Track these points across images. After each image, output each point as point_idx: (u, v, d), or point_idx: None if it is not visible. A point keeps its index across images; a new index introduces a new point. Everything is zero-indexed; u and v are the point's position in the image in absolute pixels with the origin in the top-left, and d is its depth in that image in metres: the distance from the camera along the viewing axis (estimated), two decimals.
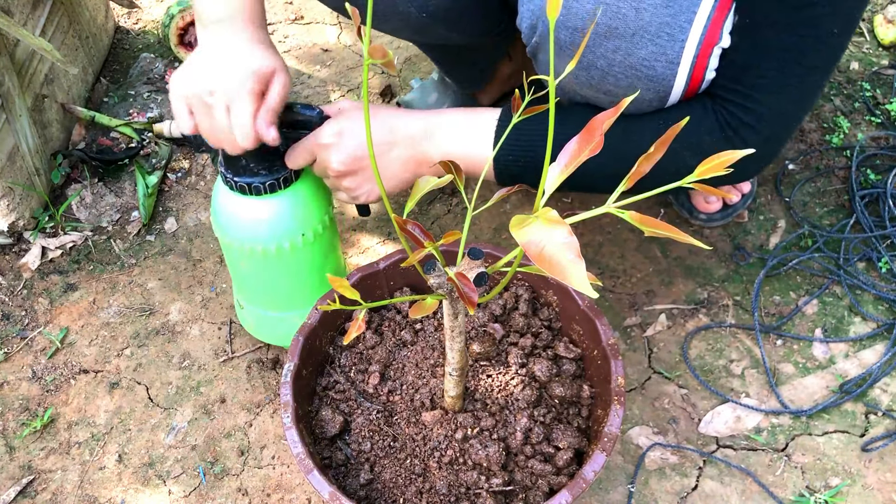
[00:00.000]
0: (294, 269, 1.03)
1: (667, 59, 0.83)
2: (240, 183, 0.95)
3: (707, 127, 0.89)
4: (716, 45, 0.83)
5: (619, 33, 0.81)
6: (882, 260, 1.23)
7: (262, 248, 0.98)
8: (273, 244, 0.98)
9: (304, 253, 1.01)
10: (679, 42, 0.82)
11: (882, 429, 1.08)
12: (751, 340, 1.17)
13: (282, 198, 0.97)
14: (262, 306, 1.09)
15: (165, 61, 1.57)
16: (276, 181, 0.95)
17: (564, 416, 0.89)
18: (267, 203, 0.97)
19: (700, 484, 1.04)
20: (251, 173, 0.95)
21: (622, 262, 1.25)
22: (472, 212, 0.68)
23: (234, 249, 1.00)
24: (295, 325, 1.08)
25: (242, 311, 1.12)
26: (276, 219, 0.97)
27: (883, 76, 1.51)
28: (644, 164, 0.55)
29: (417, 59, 1.59)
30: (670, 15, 0.81)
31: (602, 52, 0.83)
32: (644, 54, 0.82)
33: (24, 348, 1.18)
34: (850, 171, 1.33)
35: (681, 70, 0.84)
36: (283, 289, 1.05)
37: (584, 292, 0.49)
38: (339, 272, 1.11)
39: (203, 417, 1.11)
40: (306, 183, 0.99)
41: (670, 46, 0.82)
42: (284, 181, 0.96)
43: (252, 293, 1.08)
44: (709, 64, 0.85)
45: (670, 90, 0.86)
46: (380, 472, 0.85)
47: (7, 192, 1.22)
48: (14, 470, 1.06)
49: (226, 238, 1.00)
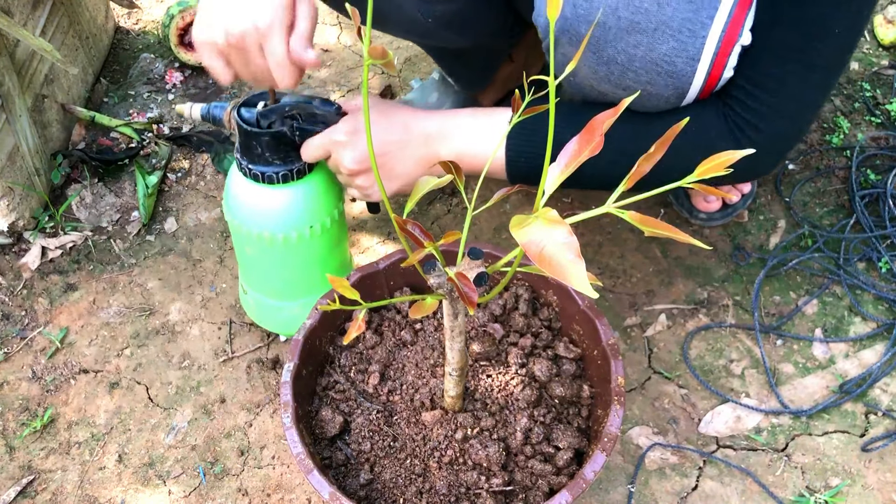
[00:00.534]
0: (299, 260, 1.04)
1: (687, 55, 0.82)
2: (254, 171, 0.96)
3: (718, 130, 0.89)
4: (736, 42, 0.83)
5: (641, 28, 0.81)
6: (882, 260, 1.23)
7: (269, 235, 0.99)
8: (281, 233, 0.99)
9: (311, 245, 1.02)
10: (700, 38, 0.81)
11: (882, 429, 1.08)
12: (751, 340, 1.17)
13: (294, 189, 0.98)
14: (264, 293, 1.10)
15: (165, 61, 1.57)
16: (290, 172, 0.97)
17: (564, 416, 0.89)
18: (279, 192, 0.98)
19: (700, 484, 1.04)
20: (266, 162, 0.96)
21: (622, 262, 1.25)
22: (472, 212, 0.68)
23: (242, 234, 1.01)
24: (295, 314, 1.10)
25: (245, 295, 1.13)
26: (287, 209, 0.98)
27: (883, 76, 1.51)
28: (644, 164, 0.55)
29: (417, 59, 1.59)
30: (692, 11, 0.80)
31: (623, 48, 0.83)
32: (665, 50, 0.82)
33: (24, 348, 1.18)
34: (850, 171, 1.33)
35: (700, 67, 0.84)
36: (286, 278, 1.06)
37: (584, 292, 0.49)
38: (344, 267, 1.12)
39: (203, 417, 1.11)
40: (319, 176, 1.00)
41: (691, 43, 0.82)
42: (298, 173, 0.97)
43: (255, 279, 1.09)
44: (728, 61, 0.84)
45: (689, 86, 0.86)
46: (380, 473, 0.85)
47: (7, 192, 1.22)
48: (14, 470, 1.06)
49: (234, 221, 1.01)
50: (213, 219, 1.33)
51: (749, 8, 0.83)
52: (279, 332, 1.15)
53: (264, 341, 1.18)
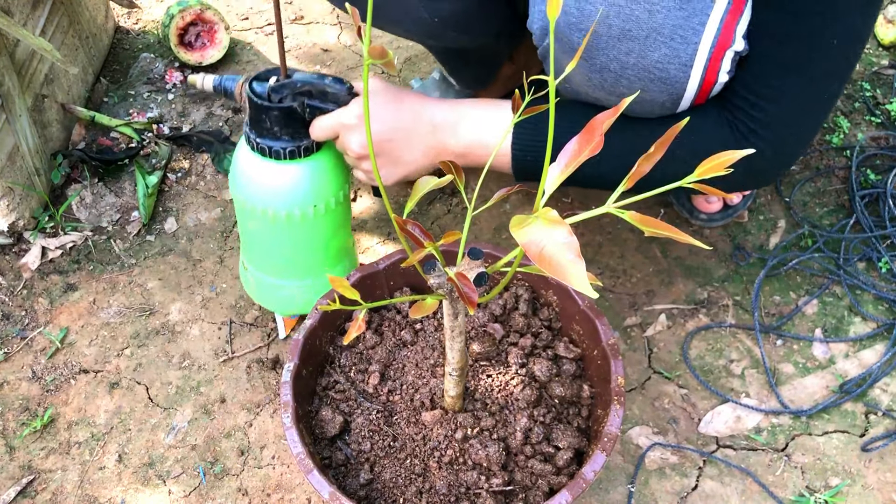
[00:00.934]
0: (300, 239, 1.03)
1: (680, 61, 0.83)
2: (261, 145, 0.96)
3: (723, 139, 0.89)
4: (729, 47, 0.83)
5: (633, 35, 0.81)
6: (882, 260, 1.23)
7: (272, 212, 0.99)
8: (284, 210, 0.99)
9: (314, 225, 1.02)
10: (692, 45, 0.82)
11: (882, 429, 1.08)
12: (751, 340, 1.17)
13: (300, 166, 0.98)
14: (264, 271, 1.09)
15: (165, 61, 1.57)
16: (297, 149, 0.96)
17: (564, 416, 0.89)
18: (285, 169, 0.97)
19: (700, 484, 1.04)
20: (274, 137, 0.95)
21: (622, 262, 1.25)
22: (472, 212, 0.68)
23: (246, 210, 1.01)
24: (293, 294, 1.09)
25: (245, 272, 1.13)
26: (292, 186, 0.98)
27: (883, 76, 1.51)
28: (644, 163, 0.55)
29: (417, 59, 1.59)
30: (683, 17, 0.81)
31: (615, 55, 0.83)
32: (657, 57, 0.82)
33: (24, 348, 1.18)
34: (850, 171, 1.33)
35: (693, 72, 0.84)
36: (287, 256, 1.06)
37: (584, 292, 0.49)
38: (345, 252, 1.11)
39: (203, 417, 1.11)
40: (327, 155, 1.00)
41: (683, 49, 0.82)
42: (305, 150, 0.97)
43: (256, 256, 1.09)
44: (721, 67, 0.85)
45: (683, 92, 0.86)
46: (380, 472, 0.85)
47: (7, 192, 1.22)
48: (14, 470, 1.06)
49: (239, 196, 1.01)
50: (213, 219, 1.33)
51: (741, 14, 0.83)
52: (276, 310, 1.14)
53: (264, 341, 1.18)
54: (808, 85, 0.87)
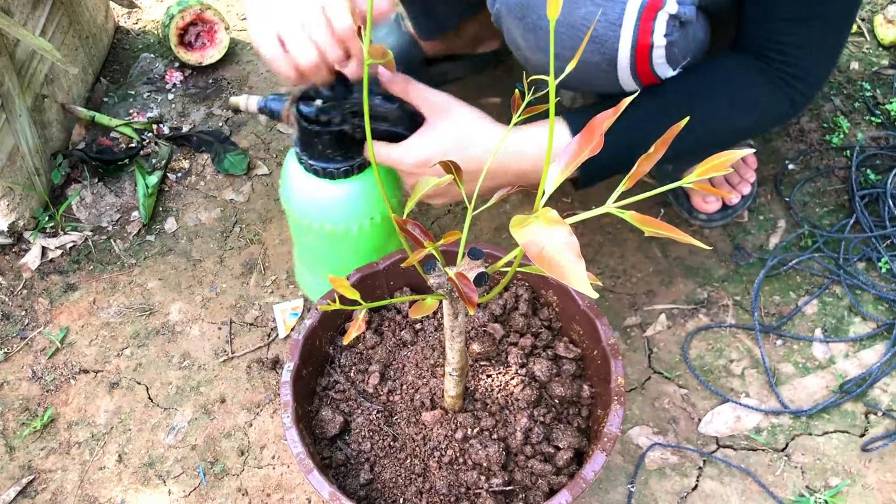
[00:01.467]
0: (358, 248, 1.04)
1: (607, 19, 0.84)
2: (315, 166, 0.95)
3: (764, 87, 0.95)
4: (660, 10, 0.84)
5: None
6: (882, 260, 1.23)
7: (330, 227, 0.99)
8: (342, 226, 0.99)
9: (370, 235, 1.02)
10: (619, 3, 0.84)
11: (882, 429, 1.08)
12: (751, 340, 1.17)
13: (355, 183, 0.98)
14: (324, 277, 1.10)
15: (165, 61, 1.57)
16: (351, 167, 0.96)
17: (564, 416, 0.89)
18: (340, 187, 0.97)
19: (700, 484, 1.04)
20: (327, 158, 0.95)
21: (622, 262, 1.25)
22: (472, 212, 0.68)
23: (302, 225, 1.01)
24: None
25: (302, 277, 1.15)
26: (348, 203, 0.98)
27: (883, 76, 1.51)
28: (644, 164, 0.55)
29: None
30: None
31: (543, 13, 0.85)
32: (583, 13, 0.84)
33: (24, 348, 1.18)
34: (850, 171, 1.33)
35: (623, 33, 0.85)
36: (346, 262, 1.05)
37: (584, 292, 0.49)
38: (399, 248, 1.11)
39: (203, 417, 1.11)
40: (380, 168, 0.99)
41: (611, 7, 0.84)
42: (359, 168, 0.97)
43: (314, 263, 1.10)
44: (654, 29, 0.85)
45: (615, 53, 0.87)
46: (380, 472, 0.85)
47: (7, 192, 1.22)
48: (14, 470, 1.06)
49: (294, 213, 1.01)
50: (213, 219, 1.33)
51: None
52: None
53: (264, 341, 1.18)
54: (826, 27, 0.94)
